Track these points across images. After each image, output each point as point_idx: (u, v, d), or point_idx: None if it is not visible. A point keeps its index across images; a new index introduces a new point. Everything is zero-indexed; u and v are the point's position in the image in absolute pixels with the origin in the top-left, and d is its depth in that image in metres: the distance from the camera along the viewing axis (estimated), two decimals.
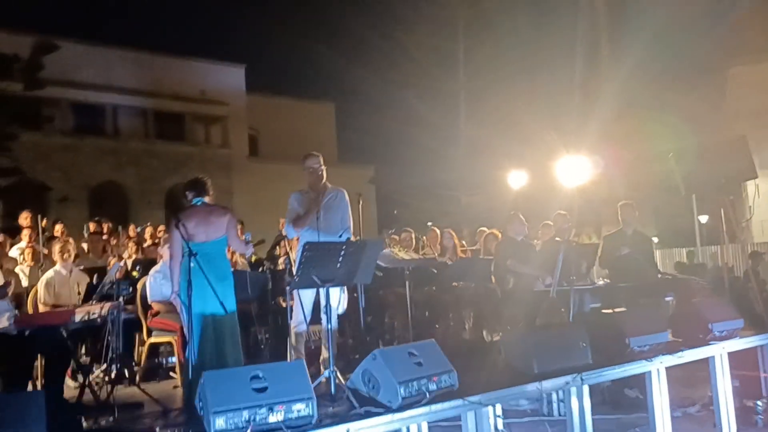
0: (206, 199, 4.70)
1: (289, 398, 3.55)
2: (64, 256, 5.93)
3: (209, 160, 25.73)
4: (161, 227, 9.86)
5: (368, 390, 4.21)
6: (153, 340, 5.71)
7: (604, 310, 5.91)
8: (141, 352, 5.87)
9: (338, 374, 4.33)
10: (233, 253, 6.57)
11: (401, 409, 3.98)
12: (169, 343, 5.65)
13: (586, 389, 5.07)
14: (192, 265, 4.15)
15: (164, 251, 5.79)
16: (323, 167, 5.37)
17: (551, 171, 12.15)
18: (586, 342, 5.23)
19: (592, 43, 17.83)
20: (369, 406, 3.99)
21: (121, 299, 4.63)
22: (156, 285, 5.73)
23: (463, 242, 9.42)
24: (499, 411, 4.40)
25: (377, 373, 4.15)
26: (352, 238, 5.09)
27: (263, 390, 3.52)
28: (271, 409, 3.47)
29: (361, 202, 5.20)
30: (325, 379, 4.24)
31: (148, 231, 9.91)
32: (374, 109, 23.93)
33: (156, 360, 5.96)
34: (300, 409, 3.58)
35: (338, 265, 4.25)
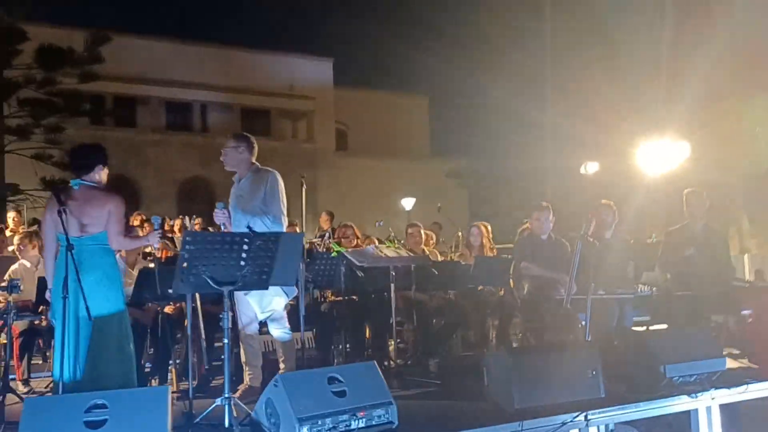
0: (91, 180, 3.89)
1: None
2: (27, 248, 5.47)
3: (294, 155, 25.57)
4: None
5: (269, 425, 3.30)
6: None
7: (635, 328, 4.60)
8: None
9: (238, 402, 3.45)
10: None
11: None
12: None
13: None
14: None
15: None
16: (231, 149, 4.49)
17: (631, 158, 10.55)
18: (596, 369, 4.00)
19: (678, 22, 15.74)
20: None
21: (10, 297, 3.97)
22: None
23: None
24: None
25: (278, 405, 3.23)
26: (285, 229, 4.18)
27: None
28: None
29: (304, 186, 4.31)
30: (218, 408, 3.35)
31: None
32: (466, 102, 23.01)
33: None
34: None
35: (242, 262, 3.36)
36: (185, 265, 3.21)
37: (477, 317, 6.23)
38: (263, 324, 4.46)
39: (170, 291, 3.71)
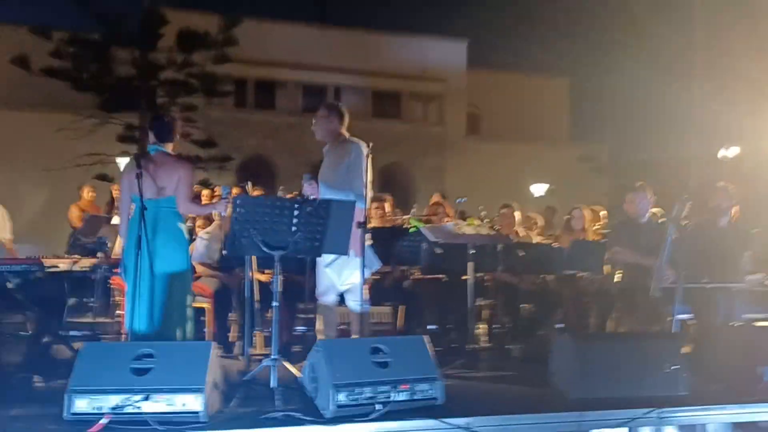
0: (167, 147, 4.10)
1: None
2: None
3: (424, 138, 25.65)
4: None
5: (311, 390, 3.33)
6: (195, 304, 5.42)
7: (733, 323, 4.09)
8: None
9: (286, 365, 3.50)
10: None
11: (335, 421, 3.03)
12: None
13: None
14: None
15: (216, 213, 5.44)
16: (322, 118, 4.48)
17: None
18: (678, 364, 3.61)
19: None
20: (300, 410, 3.12)
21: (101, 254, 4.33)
22: (202, 246, 5.43)
23: None
24: None
25: (318, 370, 3.24)
26: (367, 203, 4.14)
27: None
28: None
29: (370, 156, 4.22)
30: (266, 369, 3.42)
31: None
32: (608, 85, 21.71)
33: None
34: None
35: (293, 228, 3.39)
36: (236, 227, 3.30)
37: (574, 305, 5.89)
38: None
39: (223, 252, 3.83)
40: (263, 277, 5.80)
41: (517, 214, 6.44)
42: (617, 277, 5.10)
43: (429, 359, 3.40)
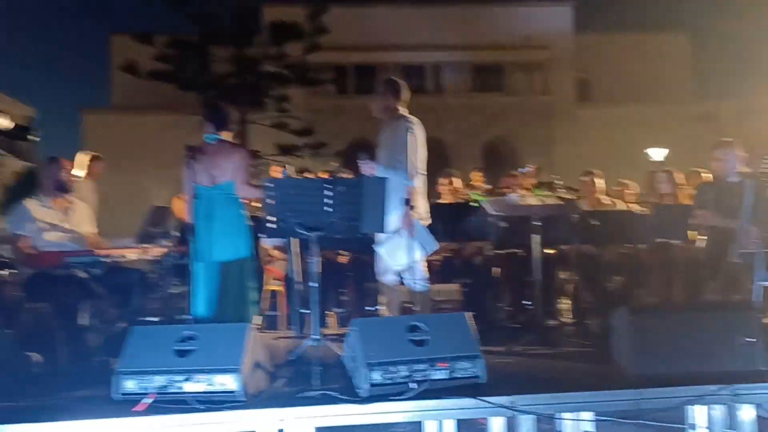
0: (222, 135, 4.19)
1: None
2: None
3: (529, 110, 24.84)
4: None
5: (351, 369, 3.33)
6: (269, 287, 5.61)
7: None
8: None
9: (328, 344, 3.52)
10: None
11: (370, 400, 3.02)
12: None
13: (747, 412, 3.16)
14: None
15: None
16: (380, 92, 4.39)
17: None
18: (756, 337, 3.23)
19: None
20: (338, 389, 3.13)
21: (167, 243, 4.54)
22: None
23: None
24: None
25: (355, 350, 3.24)
26: (416, 182, 4.05)
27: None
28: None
29: (409, 132, 4.08)
30: (310, 348, 3.46)
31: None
32: (734, 41, 19.92)
33: None
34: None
35: (327, 209, 3.39)
36: (271, 210, 3.34)
37: (662, 276, 5.46)
38: None
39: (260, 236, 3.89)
40: (342, 259, 5.90)
41: (600, 182, 6.04)
42: (700, 243, 4.65)
43: (470, 337, 3.29)
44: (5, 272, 8.31)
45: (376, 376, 3.05)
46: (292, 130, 14.82)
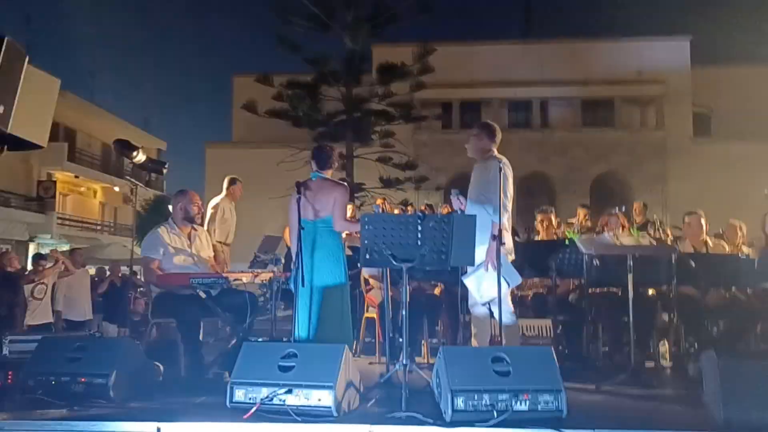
0: (325, 173, 4.58)
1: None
2: None
3: (641, 145, 24.05)
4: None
5: (438, 395, 3.54)
6: (367, 314, 5.92)
7: None
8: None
9: (416, 369, 3.74)
10: None
11: (453, 424, 3.22)
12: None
13: None
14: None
15: None
16: (473, 137, 4.65)
17: None
18: None
19: None
20: (425, 413, 3.35)
21: (275, 269, 4.93)
22: None
23: None
24: None
25: (441, 375, 3.46)
26: (506, 219, 4.24)
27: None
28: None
29: (502, 171, 4.23)
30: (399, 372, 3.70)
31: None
32: None
33: None
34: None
35: (418, 242, 3.66)
36: (366, 242, 3.66)
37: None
38: None
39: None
40: (436, 290, 6.14)
41: (704, 222, 5.90)
42: None
43: (554, 370, 3.40)
44: (137, 293, 9.21)
45: (460, 403, 3.24)
46: (395, 164, 15.37)
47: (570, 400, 3.31)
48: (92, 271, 12.67)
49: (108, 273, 11.74)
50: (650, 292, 5.83)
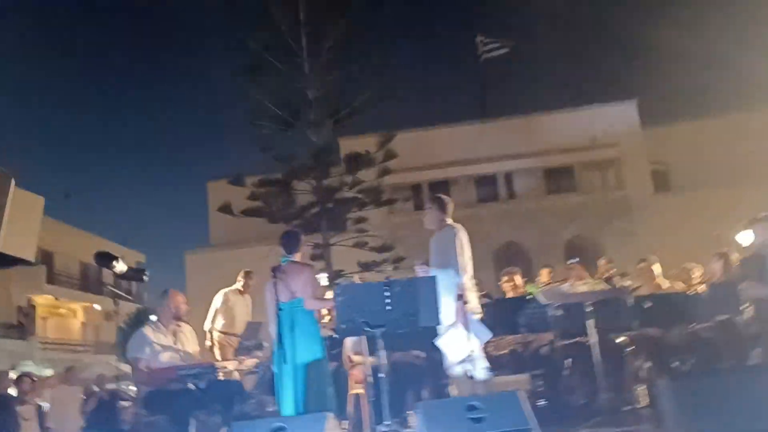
0: (294, 257, 4.93)
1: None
2: None
3: (605, 205, 24.88)
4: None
5: None
6: (353, 391, 6.09)
7: None
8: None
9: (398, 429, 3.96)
10: None
11: None
12: None
13: None
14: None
15: None
16: (427, 210, 5.08)
17: None
18: None
19: None
20: None
21: (260, 354, 5.19)
22: (349, 340, 6.15)
23: None
24: None
25: (421, 429, 3.69)
26: (464, 280, 4.60)
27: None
28: None
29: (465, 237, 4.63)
30: None
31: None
32: None
33: None
34: None
35: (388, 307, 3.98)
36: (340, 313, 3.97)
37: (731, 351, 5.57)
38: None
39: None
40: (418, 360, 6.36)
41: (656, 267, 6.33)
42: (748, 313, 4.84)
43: (523, 412, 3.66)
44: (125, 402, 9.21)
45: None
46: (372, 248, 15.82)
47: None
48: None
49: (95, 388, 11.66)
50: (620, 338, 6.15)
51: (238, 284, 7.31)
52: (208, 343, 6.70)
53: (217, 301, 7.24)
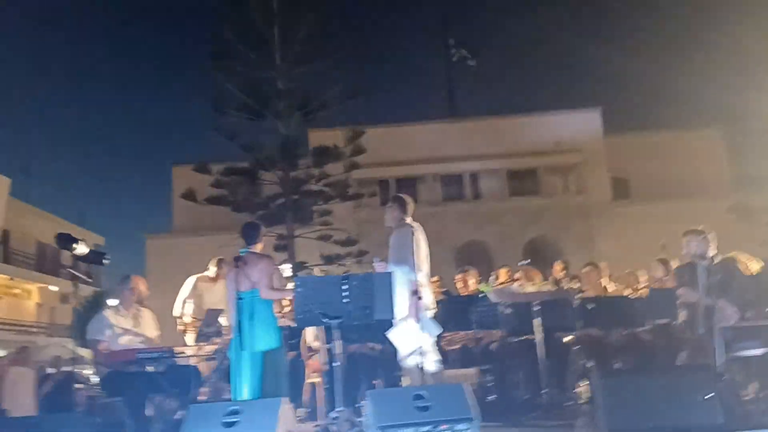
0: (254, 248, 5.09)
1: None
2: None
3: (565, 209, 25.54)
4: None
5: None
6: (309, 380, 6.28)
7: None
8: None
9: (350, 417, 4.17)
10: None
11: None
12: None
13: None
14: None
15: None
16: (388, 209, 5.29)
17: None
18: (712, 393, 3.75)
19: None
20: None
21: (219, 340, 5.31)
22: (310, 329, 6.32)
23: None
24: None
25: (370, 416, 3.90)
26: (419, 277, 4.83)
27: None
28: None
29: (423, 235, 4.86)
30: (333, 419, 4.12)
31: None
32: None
33: None
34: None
35: (345, 300, 4.18)
36: (299, 303, 4.15)
37: (665, 355, 5.92)
38: None
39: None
40: (373, 352, 6.55)
41: (604, 271, 6.66)
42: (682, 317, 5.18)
43: (466, 403, 3.90)
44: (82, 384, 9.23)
45: None
46: (336, 241, 16.01)
47: None
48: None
49: (50, 371, 11.60)
50: (566, 338, 6.46)
51: (210, 271, 7.36)
52: (180, 327, 6.74)
53: (187, 286, 7.28)
